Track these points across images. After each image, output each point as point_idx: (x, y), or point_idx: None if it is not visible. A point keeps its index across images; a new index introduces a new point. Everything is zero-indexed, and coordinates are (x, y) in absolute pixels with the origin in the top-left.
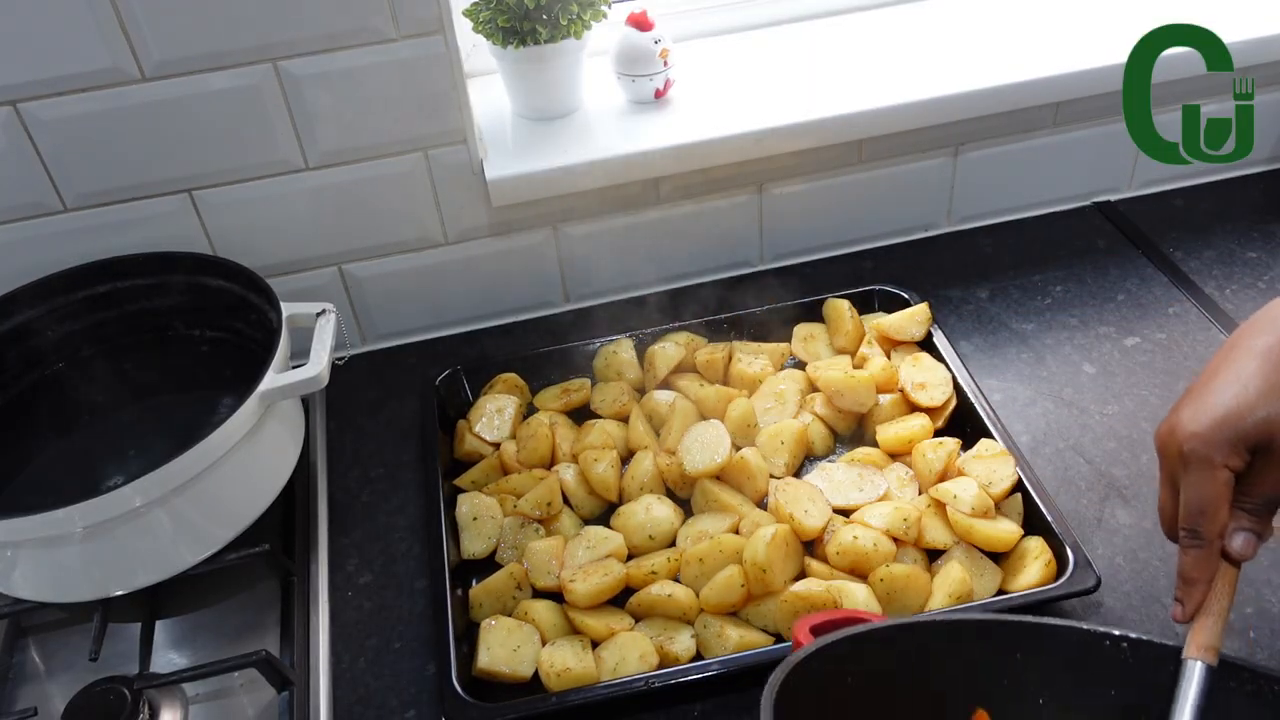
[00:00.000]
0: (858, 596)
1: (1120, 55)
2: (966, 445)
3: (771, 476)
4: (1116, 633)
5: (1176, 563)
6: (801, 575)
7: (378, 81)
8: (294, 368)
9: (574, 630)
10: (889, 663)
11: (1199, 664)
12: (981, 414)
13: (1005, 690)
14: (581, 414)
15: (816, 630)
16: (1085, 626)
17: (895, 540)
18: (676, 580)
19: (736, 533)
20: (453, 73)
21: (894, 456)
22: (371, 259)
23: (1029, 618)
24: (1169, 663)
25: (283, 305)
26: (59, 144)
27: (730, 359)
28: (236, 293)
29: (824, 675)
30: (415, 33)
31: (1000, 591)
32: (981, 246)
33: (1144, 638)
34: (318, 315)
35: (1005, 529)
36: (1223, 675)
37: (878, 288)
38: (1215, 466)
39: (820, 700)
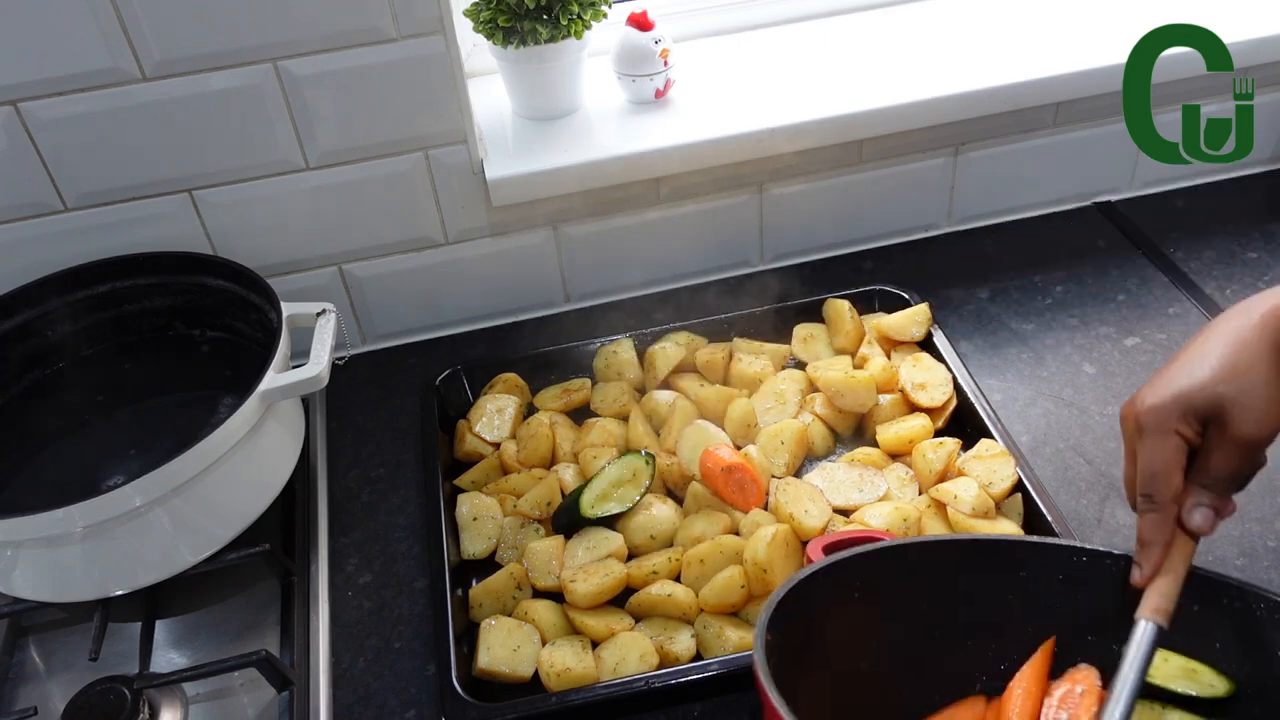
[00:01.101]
0: None
1: (1120, 55)
2: (967, 445)
3: (772, 476)
4: (1117, 552)
5: (1136, 529)
6: None
7: (378, 81)
8: (294, 368)
9: (574, 630)
10: (894, 579)
11: (1150, 624)
12: (981, 414)
13: (1008, 607)
14: (581, 414)
15: (829, 549)
16: (1087, 546)
17: None
18: (677, 580)
19: (736, 533)
20: (453, 73)
21: (894, 456)
22: (371, 259)
23: (1033, 538)
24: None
25: (283, 305)
26: (59, 144)
27: (730, 359)
28: (236, 293)
29: (830, 590)
30: (415, 33)
31: None
32: (982, 246)
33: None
34: (318, 315)
35: (1005, 529)
36: (1210, 590)
37: (878, 288)
38: (1167, 433)
39: (824, 614)
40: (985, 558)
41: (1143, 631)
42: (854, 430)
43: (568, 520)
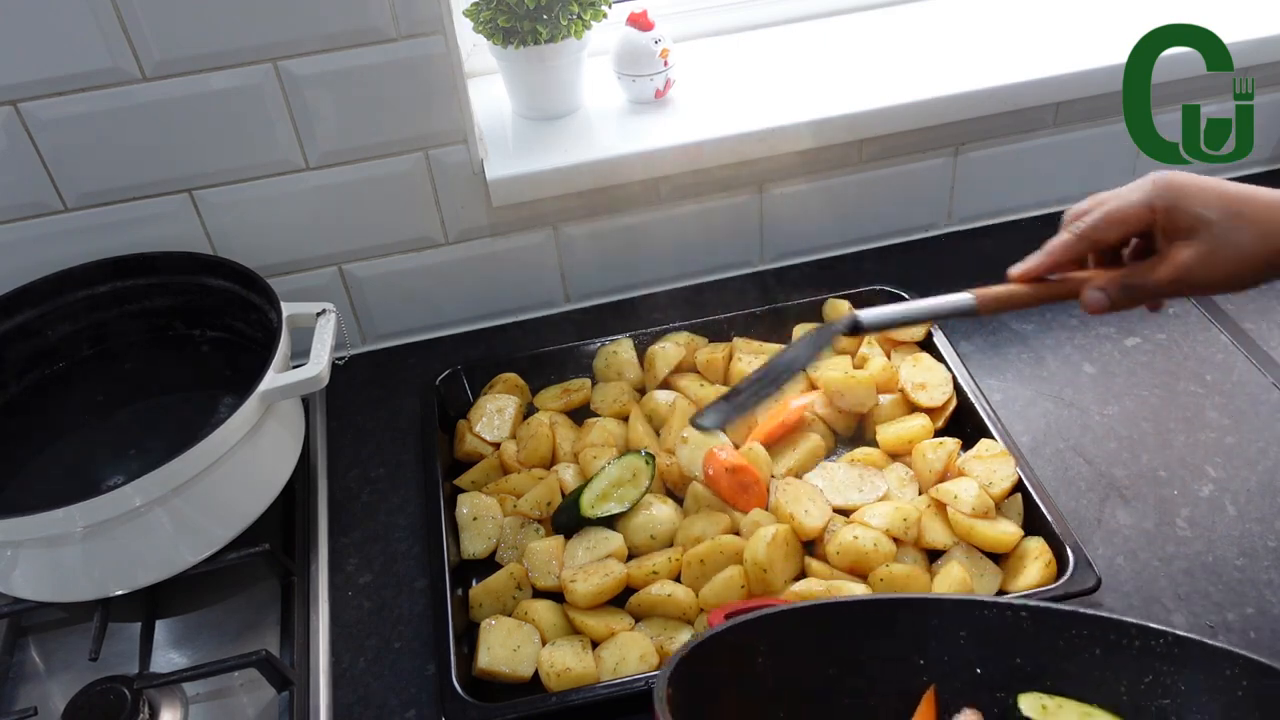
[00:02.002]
0: None
1: (1120, 55)
2: (966, 445)
3: (772, 476)
4: (1017, 602)
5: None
6: (801, 575)
7: (378, 81)
8: (294, 367)
9: (574, 630)
10: (804, 645)
11: (971, 296)
12: (981, 414)
13: (912, 666)
14: (581, 414)
15: (732, 615)
16: (987, 599)
17: (895, 540)
18: (677, 580)
19: (736, 533)
20: (453, 73)
21: (894, 456)
22: (371, 259)
23: (938, 594)
24: (1069, 627)
25: (283, 305)
26: (59, 144)
27: (730, 359)
28: (236, 293)
29: (729, 659)
30: (415, 33)
31: (1000, 592)
32: (982, 246)
33: (1041, 605)
34: (318, 315)
35: (1005, 530)
36: (1110, 632)
37: (878, 288)
38: (1131, 200)
39: (726, 682)
40: (888, 618)
41: (962, 296)
42: (854, 430)
43: (567, 520)
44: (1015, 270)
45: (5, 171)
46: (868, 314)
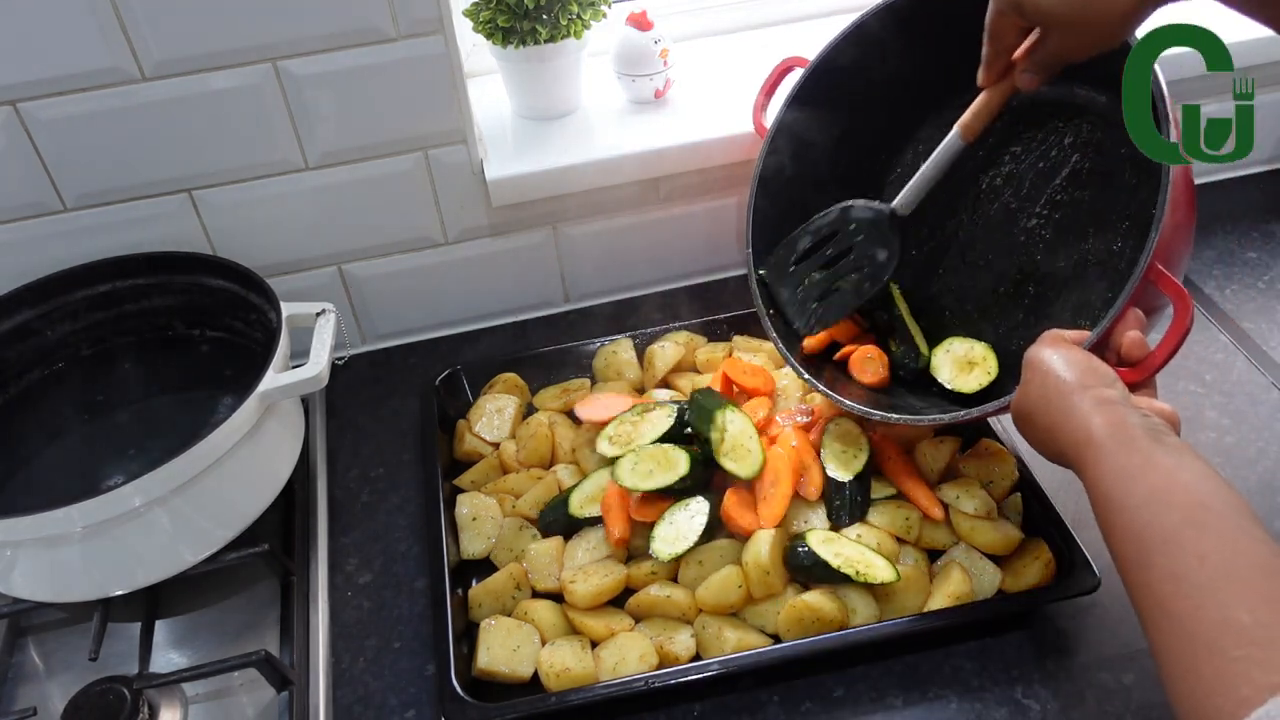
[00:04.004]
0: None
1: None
2: (967, 445)
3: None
4: None
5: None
6: None
7: (378, 81)
8: (294, 367)
9: (574, 630)
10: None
11: (955, 131)
12: None
13: None
14: None
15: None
16: None
17: (897, 540)
18: (675, 581)
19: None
20: (453, 73)
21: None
22: (371, 259)
23: None
24: None
25: (283, 305)
26: (59, 144)
27: (729, 358)
28: (236, 293)
29: None
30: (415, 33)
31: (1000, 591)
32: None
33: None
34: (317, 315)
35: (1006, 530)
36: None
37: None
38: (991, 14)
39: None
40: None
41: (951, 137)
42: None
43: (554, 519)
44: (981, 78)
45: (5, 171)
46: (898, 201)
